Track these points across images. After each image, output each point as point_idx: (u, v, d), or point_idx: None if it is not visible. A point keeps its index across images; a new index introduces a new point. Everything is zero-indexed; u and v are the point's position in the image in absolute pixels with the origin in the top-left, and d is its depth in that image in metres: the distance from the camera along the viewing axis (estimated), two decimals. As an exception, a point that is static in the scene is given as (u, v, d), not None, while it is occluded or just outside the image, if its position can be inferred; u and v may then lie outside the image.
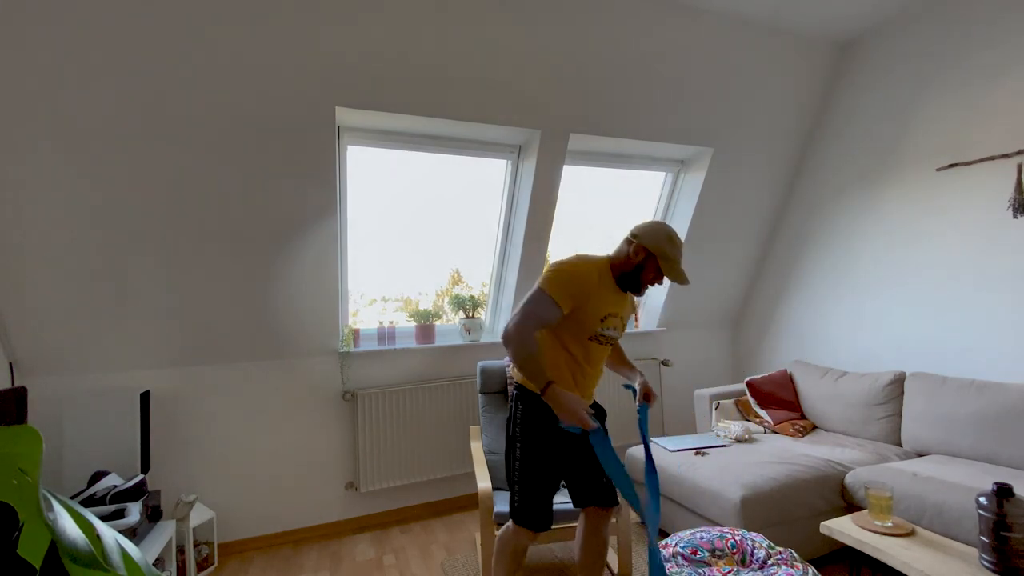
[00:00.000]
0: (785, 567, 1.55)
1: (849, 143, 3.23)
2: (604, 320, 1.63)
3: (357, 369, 2.85)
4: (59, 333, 2.27)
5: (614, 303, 1.66)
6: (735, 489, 2.10)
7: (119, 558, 0.45)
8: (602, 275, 1.64)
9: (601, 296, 1.62)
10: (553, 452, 1.65)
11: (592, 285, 1.60)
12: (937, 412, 2.45)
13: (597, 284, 1.61)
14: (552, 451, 1.65)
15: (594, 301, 1.61)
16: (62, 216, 2.10)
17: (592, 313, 1.61)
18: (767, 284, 3.81)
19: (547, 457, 1.65)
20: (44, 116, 1.93)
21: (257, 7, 2.01)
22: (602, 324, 1.63)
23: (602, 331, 1.64)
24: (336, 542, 2.69)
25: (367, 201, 2.87)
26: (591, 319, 1.61)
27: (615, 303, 1.67)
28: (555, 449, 1.65)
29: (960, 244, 2.66)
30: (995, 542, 1.47)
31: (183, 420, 2.54)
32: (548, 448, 1.64)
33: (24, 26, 1.78)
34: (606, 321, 1.64)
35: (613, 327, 1.67)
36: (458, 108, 2.55)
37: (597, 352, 1.69)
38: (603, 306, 1.63)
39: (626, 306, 1.73)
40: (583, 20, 2.49)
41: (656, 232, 1.61)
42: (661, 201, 3.54)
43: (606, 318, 1.63)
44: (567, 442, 1.67)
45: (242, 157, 2.26)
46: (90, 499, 1.98)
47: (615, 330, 1.68)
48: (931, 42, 2.78)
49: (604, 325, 1.63)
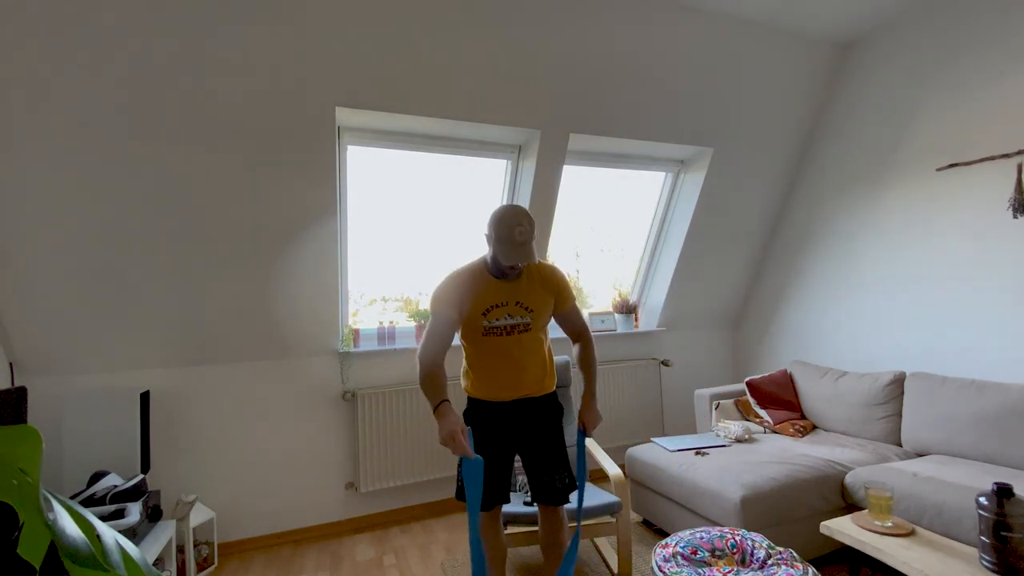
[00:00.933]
0: (785, 567, 1.55)
1: (849, 143, 3.23)
2: (487, 313, 1.70)
3: (357, 369, 2.85)
4: (59, 333, 2.27)
5: (496, 294, 1.70)
6: (735, 489, 2.10)
7: (119, 558, 0.45)
8: (476, 274, 1.72)
9: (477, 293, 1.69)
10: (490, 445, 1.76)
11: (464, 286, 1.69)
12: (937, 412, 2.45)
13: (470, 283, 1.70)
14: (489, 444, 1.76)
15: (471, 299, 1.69)
16: (62, 216, 2.10)
17: (473, 311, 1.69)
18: (767, 284, 3.81)
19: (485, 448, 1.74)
20: (44, 116, 1.93)
21: (257, 7, 2.01)
22: (485, 317, 1.70)
23: (490, 323, 1.70)
24: (336, 542, 2.69)
25: (367, 201, 2.87)
26: (474, 317, 1.70)
27: (497, 294, 1.71)
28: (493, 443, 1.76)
29: (960, 244, 2.66)
30: (995, 542, 1.47)
31: (183, 420, 2.54)
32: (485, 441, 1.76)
33: (23, 27, 1.78)
34: (490, 313, 1.70)
35: (505, 316, 1.71)
36: (458, 108, 2.55)
37: (507, 345, 1.73)
38: (483, 301, 1.69)
39: (520, 294, 1.73)
40: (583, 20, 2.49)
41: (492, 216, 1.66)
42: (661, 201, 3.54)
43: (489, 310, 1.70)
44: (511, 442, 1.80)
45: (242, 157, 2.26)
46: (90, 499, 1.98)
47: (510, 317, 1.72)
48: (931, 42, 2.78)
49: (489, 317, 1.70)
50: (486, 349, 1.76)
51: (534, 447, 1.79)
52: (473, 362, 1.81)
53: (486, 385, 1.79)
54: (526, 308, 1.74)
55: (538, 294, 1.76)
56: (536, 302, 1.75)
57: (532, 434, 1.79)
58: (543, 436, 1.80)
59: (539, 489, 1.79)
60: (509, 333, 1.73)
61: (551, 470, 1.78)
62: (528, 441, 1.80)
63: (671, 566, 1.63)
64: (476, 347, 1.78)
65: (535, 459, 1.79)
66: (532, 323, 1.75)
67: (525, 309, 1.73)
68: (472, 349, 1.80)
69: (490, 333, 1.72)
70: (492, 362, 1.77)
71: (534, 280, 1.76)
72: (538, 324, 1.77)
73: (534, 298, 1.75)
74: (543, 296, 1.77)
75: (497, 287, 1.72)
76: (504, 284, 1.72)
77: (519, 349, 1.75)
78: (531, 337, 1.77)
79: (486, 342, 1.74)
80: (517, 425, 1.79)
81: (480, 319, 1.70)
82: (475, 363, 1.80)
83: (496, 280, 1.72)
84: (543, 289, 1.77)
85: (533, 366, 1.79)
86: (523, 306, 1.73)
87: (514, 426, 1.79)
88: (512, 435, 1.80)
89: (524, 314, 1.73)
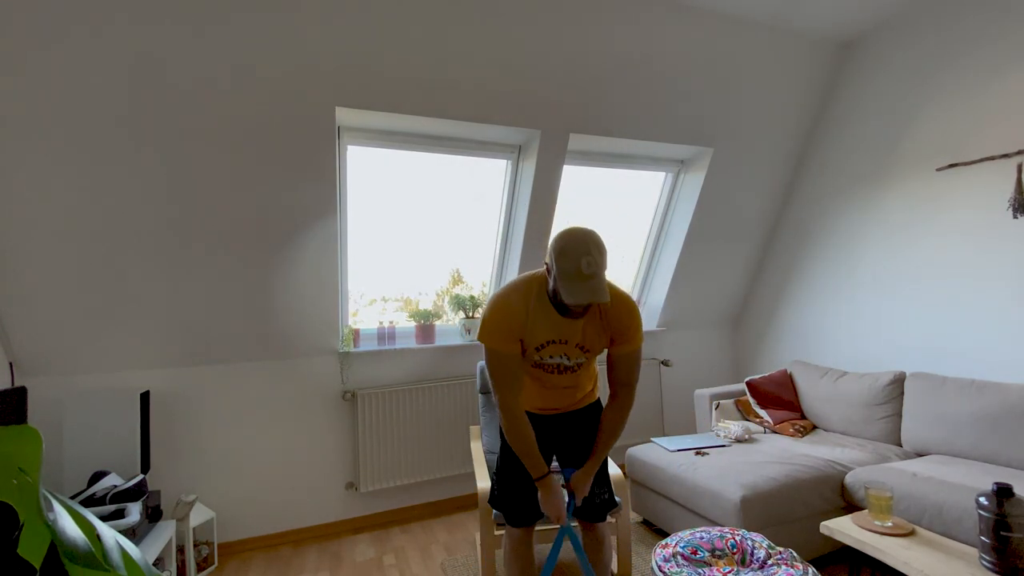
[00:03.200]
0: (785, 567, 1.55)
1: (849, 143, 3.23)
2: (540, 349, 1.49)
3: (357, 369, 2.85)
4: (59, 333, 2.27)
5: (552, 330, 1.47)
6: (735, 489, 2.10)
7: (119, 558, 0.45)
8: (532, 298, 1.48)
9: (533, 325, 1.47)
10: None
11: (519, 316, 1.46)
12: (937, 412, 2.45)
13: (525, 315, 1.46)
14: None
15: (528, 330, 1.47)
16: (62, 216, 2.10)
17: (529, 343, 1.49)
18: (767, 284, 3.81)
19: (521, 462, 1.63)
20: (43, 116, 1.93)
21: (257, 7, 2.01)
22: (539, 354, 1.50)
23: (542, 360, 1.52)
24: (336, 542, 2.69)
25: (367, 201, 2.87)
26: (528, 349, 1.50)
27: (554, 330, 1.48)
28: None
29: (960, 244, 2.66)
30: (995, 542, 1.47)
31: (183, 420, 2.54)
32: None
33: (23, 27, 1.78)
34: (543, 350, 1.49)
35: (561, 355, 1.51)
36: (458, 108, 2.55)
37: (553, 380, 1.58)
38: (537, 335, 1.48)
39: (583, 335, 1.50)
40: (583, 20, 2.49)
41: (553, 243, 1.39)
42: (661, 201, 3.54)
43: (543, 347, 1.49)
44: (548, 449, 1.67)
45: (242, 157, 2.26)
46: (90, 499, 1.98)
47: (566, 358, 1.52)
48: (931, 42, 2.78)
49: (542, 355, 1.50)
50: (531, 375, 1.60)
51: (574, 460, 1.66)
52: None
53: (529, 401, 1.63)
54: (584, 350, 1.52)
55: (602, 336, 1.53)
56: (599, 345, 1.54)
57: (573, 446, 1.67)
58: (585, 449, 1.65)
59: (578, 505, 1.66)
60: (561, 372, 1.56)
61: (592, 485, 1.65)
62: (568, 453, 1.67)
63: (671, 566, 1.63)
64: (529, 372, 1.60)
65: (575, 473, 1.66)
66: (586, 363, 1.58)
67: (582, 351, 1.53)
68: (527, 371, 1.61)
69: (539, 367, 1.55)
70: (535, 387, 1.62)
71: (605, 318, 1.51)
72: (591, 361, 1.60)
73: (597, 341, 1.53)
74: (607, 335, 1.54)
75: (558, 321, 1.47)
76: (568, 321, 1.48)
77: (568, 381, 1.61)
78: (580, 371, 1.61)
79: (534, 373, 1.58)
80: (557, 435, 1.68)
81: (534, 354, 1.50)
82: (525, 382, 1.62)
83: (559, 316, 1.47)
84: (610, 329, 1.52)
85: (578, 386, 1.65)
86: (582, 348, 1.52)
87: (553, 436, 1.68)
88: (551, 445, 1.68)
89: (581, 356, 1.53)
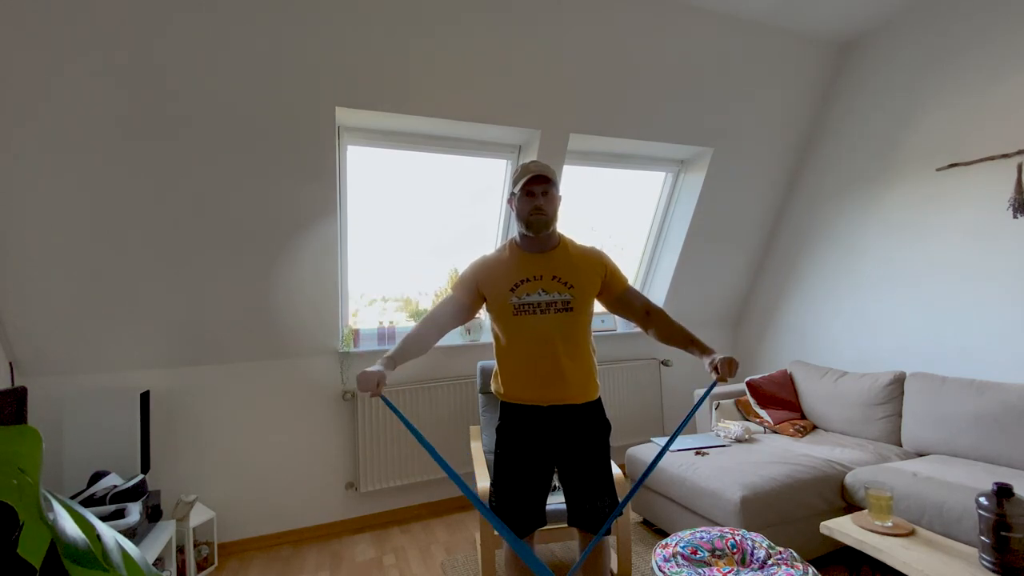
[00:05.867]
0: (785, 567, 1.55)
1: (849, 143, 3.23)
2: (516, 288, 1.57)
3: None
4: (59, 333, 2.27)
5: (526, 268, 1.59)
6: (735, 489, 2.10)
7: (119, 558, 0.45)
8: (503, 250, 1.66)
9: (505, 267, 1.61)
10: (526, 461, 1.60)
11: (485, 265, 1.64)
12: (937, 412, 2.45)
13: (495, 261, 1.64)
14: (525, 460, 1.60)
15: (496, 278, 1.60)
16: (62, 216, 2.10)
17: (500, 289, 1.58)
18: (767, 284, 3.81)
19: (519, 465, 1.60)
20: (43, 116, 1.93)
21: (257, 7, 2.01)
22: (514, 293, 1.56)
23: (520, 299, 1.56)
24: (336, 542, 2.69)
25: (367, 201, 2.87)
26: (502, 294, 1.58)
27: (528, 267, 1.59)
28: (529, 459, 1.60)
29: (960, 244, 2.66)
30: (995, 542, 1.47)
31: (183, 420, 2.54)
32: (520, 457, 1.60)
33: (23, 26, 1.78)
34: (519, 288, 1.57)
35: (538, 291, 1.56)
36: (458, 108, 2.55)
37: (545, 327, 1.55)
38: (510, 276, 1.59)
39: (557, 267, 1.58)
40: (583, 20, 2.49)
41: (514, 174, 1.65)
42: (661, 201, 3.54)
43: (518, 285, 1.57)
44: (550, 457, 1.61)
45: (242, 157, 2.26)
46: (90, 499, 1.98)
47: (545, 293, 1.56)
48: (931, 42, 2.77)
49: (518, 293, 1.56)
50: (521, 333, 1.56)
51: (576, 466, 1.60)
52: (507, 351, 1.61)
53: (521, 381, 1.58)
54: (565, 283, 1.56)
55: (580, 270, 1.59)
56: (577, 279, 1.57)
57: (574, 450, 1.59)
58: (587, 455, 1.59)
59: (578, 514, 1.61)
60: (545, 311, 1.54)
61: (594, 495, 1.59)
62: (569, 457, 1.60)
63: (671, 566, 1.63)
64: (509, 331, 1.58)
65: (576, 480, 1.60)
66: (573, 301, 1.55)
67: (564, 284, 1.56)
68: (506, 335, 1.60)
69: (522, 311, 1.54)
70: (527, 349, 1.56)
71: (573, 255, 1.61)
72: (580, 305, 1.57)
73: (575, 274, 1.58)
74: (587, 274, 1.60)
75: (528, 260, 1.58)
76: (537, 257, 1.58)
77: (558, 332, 1.55)
78: (572, 321, 1.56)
79: (520, 324, 1.55)
80: (557, 437, 1.59)
81: (508, 295, 1.55)
82: (509, 352, 1.61)
83: (528, 254, 1.59)
84: (586, 266, 1.61)
85: (575, 360, 1.57)
86: (561, 280, 1.56)
87: (553, 437, 1.59)
88: (551, 448, 1.60)
89: (563, 289, 1.55)
